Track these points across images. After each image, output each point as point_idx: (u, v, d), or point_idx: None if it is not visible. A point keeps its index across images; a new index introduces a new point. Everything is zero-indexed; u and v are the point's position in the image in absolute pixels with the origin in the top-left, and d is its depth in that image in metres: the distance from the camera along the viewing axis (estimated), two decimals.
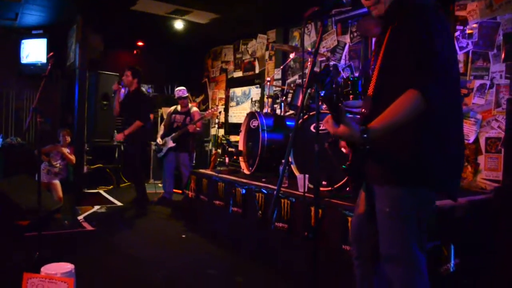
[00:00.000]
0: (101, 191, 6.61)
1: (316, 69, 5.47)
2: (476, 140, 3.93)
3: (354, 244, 1.94)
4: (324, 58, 5.36)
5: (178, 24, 6.82)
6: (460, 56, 4.04)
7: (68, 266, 2.52)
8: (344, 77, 3.89)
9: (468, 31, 4.03)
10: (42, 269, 2.48)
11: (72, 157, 5.47)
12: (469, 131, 3.94)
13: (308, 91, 3.96)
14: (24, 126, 2.92)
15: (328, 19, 1.93)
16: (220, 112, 8.20)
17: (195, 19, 6.51)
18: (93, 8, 6.02)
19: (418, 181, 1.63)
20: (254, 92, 7.45)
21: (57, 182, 5.26)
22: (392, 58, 1.62)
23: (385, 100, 1.57)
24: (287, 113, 4.76)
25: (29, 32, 6.98)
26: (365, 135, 1.46)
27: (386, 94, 1.62)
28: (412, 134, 1.58)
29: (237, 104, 7.98)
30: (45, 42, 6.80)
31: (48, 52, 6.70)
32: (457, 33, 4.10)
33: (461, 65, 4.00)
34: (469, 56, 4.00)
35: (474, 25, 3.97)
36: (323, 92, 1.38)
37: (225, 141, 5.87)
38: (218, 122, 7.45)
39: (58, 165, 5.32)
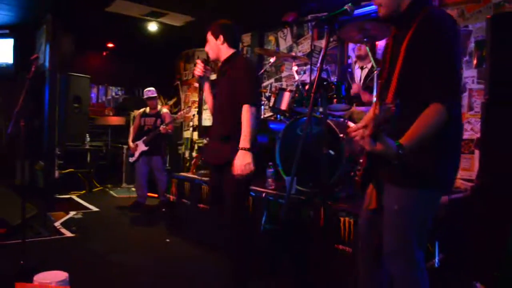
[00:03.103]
0: (74, 197, 6.41)
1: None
2: None
3: (361, 238, 2.00)
4: (301, 62, 5.46)
5: (152, 26, 6.73)
6: None
7: (62, 274, 2.46)
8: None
9: None
10: (35, 278, 2.39)
11: None
12: None
13: (292, 94, 4.05)
14: (7, 130, 2.78)
15: (325, 26, 1.96)
16: (193, 115, 8.17)
17: (170, 22, 6.45)
18: (65, 8, 5.84)
19: (432, 184, 1.71)
20: None
21: None
22: (413, 68, 1.67)
23: (408, 110, 1.60)
24: (266, 116, 4.82)
25: None
26: (400, 151, 1.52)
27: (408, 105, 1.63)
28: (430, 140, 1.63)
29: None
30: (12, 42, 6.53)
31: (15, 53, 6.44)
32: None
33: None
34: None
35: None
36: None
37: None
38: (193, 125, 7.41)
39: None
